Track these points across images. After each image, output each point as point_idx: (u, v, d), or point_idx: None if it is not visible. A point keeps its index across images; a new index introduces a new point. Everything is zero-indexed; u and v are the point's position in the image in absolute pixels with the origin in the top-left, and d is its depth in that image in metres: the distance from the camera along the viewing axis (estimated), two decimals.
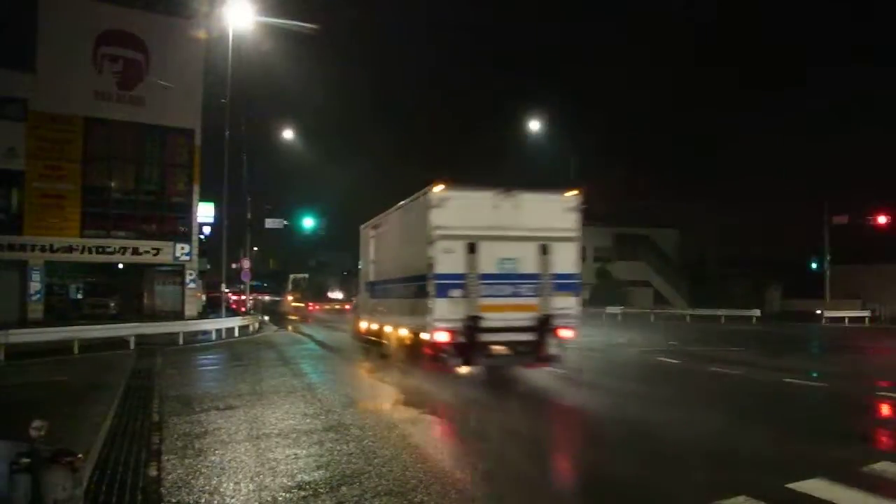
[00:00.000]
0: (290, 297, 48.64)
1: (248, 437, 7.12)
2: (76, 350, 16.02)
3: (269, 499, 5.07)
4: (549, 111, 42.15)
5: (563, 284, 10.59)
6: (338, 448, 6.56)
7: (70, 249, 25.26)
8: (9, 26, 24.13)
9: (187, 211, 27.92)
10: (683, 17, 57.09)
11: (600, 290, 44.73)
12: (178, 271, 28.18)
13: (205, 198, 29.46)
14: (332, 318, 32.62)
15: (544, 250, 10.48)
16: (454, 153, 75.91)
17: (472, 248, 10.18)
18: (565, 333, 10.63)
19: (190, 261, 27.57)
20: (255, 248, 47.57)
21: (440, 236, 10.15)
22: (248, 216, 32.53)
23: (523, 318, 10.32)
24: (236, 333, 22.65)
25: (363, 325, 16.06)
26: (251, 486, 5.35)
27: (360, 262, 17.39)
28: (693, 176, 48.42)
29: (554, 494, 5.39)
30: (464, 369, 10.50)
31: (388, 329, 13.55)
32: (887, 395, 10.11)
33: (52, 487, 3.27)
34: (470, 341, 10.08)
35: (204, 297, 36.71)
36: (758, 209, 40.01)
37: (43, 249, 24.78)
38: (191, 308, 27.56)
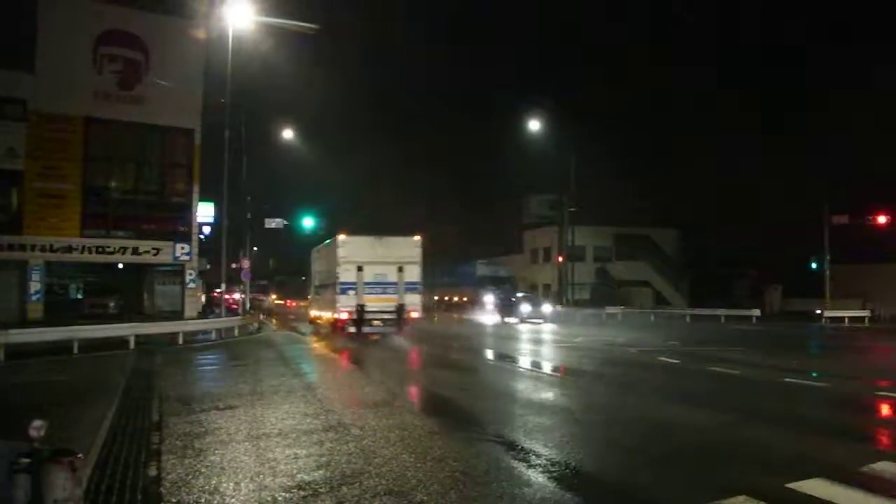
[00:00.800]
0: (273, 296, 54.89)
1: (248, 436, 7.13)
2: (76, 350, 16.02)
3: (269, 499, 5.07)
4: (550, 111, 42.09)
5: (411, 287, 19.24)
6: (338, 448, 6.56)
7: (70, 249, 25.25)
8: (9, 26, 24.10)
9: (187, 211, 27.92)
10: (682, 16, 57.06)
11: (600, 290, 44.78)
12: (177, 271, 28.18)
13: (205, 197, 29.47)
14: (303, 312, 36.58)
15: (400, 269, 19.04)
16: (454, 153, 76.01)
17: (359, 269, 18.89)
18: (414, 315, 19.44)
19: (190, 260, 27.56)
20: (255, 248, 47.64)
21: (343, 262, 18.93)
22: (248, 216, 32.58)
23: (389, 306, 18.97)
24: (236, 333, 22.67)
25: (312, 312, 25.82)
26: (251, 486, 5.36)
27: (312, 274, 25.59)
28: (693, 175, 48.41)
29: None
30: (356, 333, 19.15)
31: (321, 314, 22.89)
32: (887, 395, 10.11)
33: (52, 487, 3.27)
34: (359, 318, 18.90)
35: (204, 298, 36.75)
36: (758, 209, 40.02)
37: (43, 249, 24.78)
38: (191, 308, 27.55)
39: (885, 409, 9.28)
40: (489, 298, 36.70)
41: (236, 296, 35.35)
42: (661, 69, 56.43)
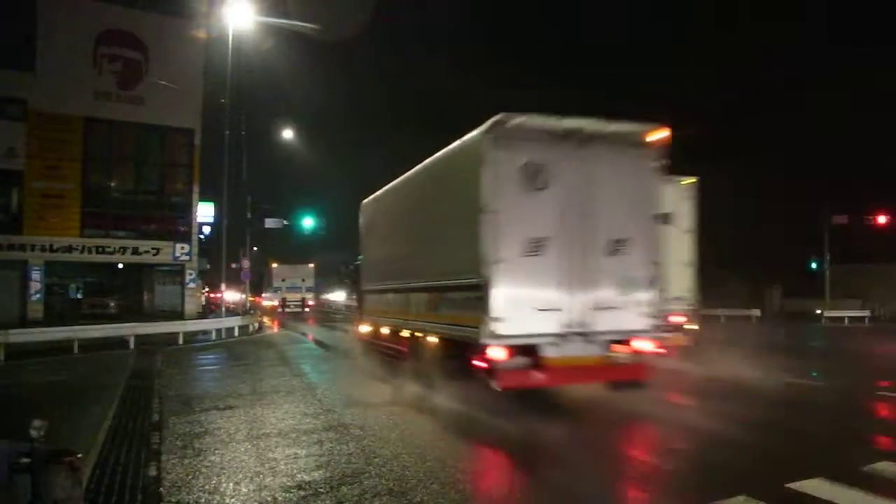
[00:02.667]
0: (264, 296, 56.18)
1: (248, 436, 7.13)
2: (76, 350, 16.02)
3: (269, 498, 5.07)
4: (551, 110, 42.11)
5: (308, 288, 44.98)
6: (338, 448, 6.56)
7: (70, 249, 25.25)
8: (9, 26, 24.10)
9: (187, 211, 27.93)
10: (683, 11, 57.06)
11: None
12: (177, 271, 28.19)
13: (204, 197, 29.48)
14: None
15: (303, 280, 44.23)
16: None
17: (283, 280, 44.10)
18: (310, 303, 44.81)
19: (190, 260, 27.57)
20: (255, 248, 47.69)
21: (276, 277, 44.89)
22: (248, 216, 32.56)
23: (298, 299, 44.03)
24: (236, 333, 22.66)
25: (264, 302, 46.41)
26: (251, 486, 5.36)
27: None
28: (693, 175, 48.38)
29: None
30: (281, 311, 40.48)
31: (270, 302, 45.87)
32: (887, 395, 10.11)
33: (51, 487, 3.26)
34: (283, 305, 43.25)
35: (204, 298, 36.80)
36: (758, 208, 39.99)
37: (43, 249, 24.78)
38: (191, 308, 27.56)
39: (884, 410, 9.28)
40: None
41: (227, 296, 35.40)
42: (660, 68, 56.49)
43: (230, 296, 36.15)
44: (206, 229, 33.90)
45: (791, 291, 38.30)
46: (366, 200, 13.64)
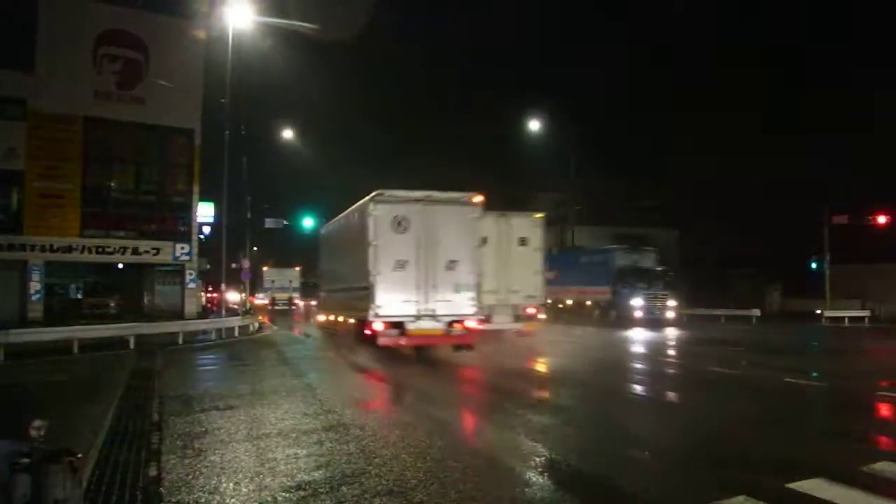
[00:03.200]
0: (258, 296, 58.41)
1: (248, 436, 7.13)
2: (76, 350, 16.01)
3: (269, 498, 5.07)
4: (550, 111, 42.21)
5: (294, 289, 48.01)
6: (338, 448, 6.56)
7: (70, 249, 25.25)
8: (9, 26, 24.10)
9: (187, 211, 27.93)
10: (684, 16, 57.06)
11: None
12: (177, 271, 28.20)
13: (204, 197, 29.48)
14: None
15: (290, 281, 47.91)
16: (454, 153, 75.93)
17: (272, 281, 47.85)
18: (297, 301, 47.06)
19: (190, 260, 27.57)
20: (255, 248, 47.76)
21: (266, 278, 48.40)
22: (248, 216, 32.59)
23: (286, 298, 47.17)
24: (236, 333, 22.66)
25: (256, 301, 42.70)
26: (251, 486, 5.35)
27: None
28: (693, 176, 48.38)
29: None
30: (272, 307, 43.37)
31: (261, 302, 45.23)
32: (887, 395, 10.11)
33: (52, 487, 3.26)
34: (272, 303, 45.78)
35: (204, 298, 36.86)
36: (758, 208, 39.98)
37: (43, 249, 24.78)
38: (191, 308, 27.56)
39: (884, 409, 9.27)
40: (637, 302, 27.29)
41: (228, 296, 35.43)
42: (660, 69, 56.49)
43: (231, 296, 36.22)
44: (206, 229, 33.92)
45: (791, 291, 38.24)
46: (320, 230, 21.36)
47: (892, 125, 35.34)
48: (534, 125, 38.88)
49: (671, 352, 17.92)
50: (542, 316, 18.34)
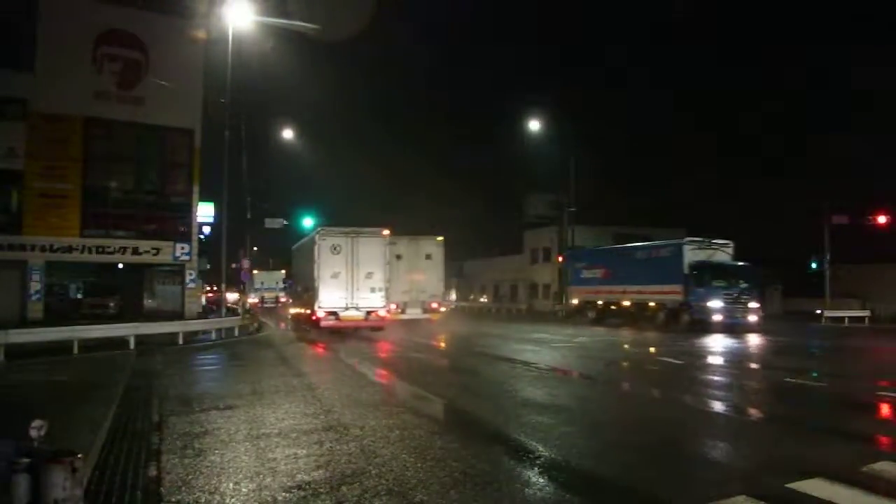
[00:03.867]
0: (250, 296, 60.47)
1: (248, 436, 7.13)
2: (76, 350, 16.02)
3: (269, 498, 5.07)
4: (550, 110, 42.26)
5: (280, 289, 52.83)
6: (338, 448, 6.57)
7: (70, 249, 25.24)
8: (9, 26, 24.08)
9: (187, 211, 27.89)
10: (686, 15, 57.05)
11: None
12: (177, 271, 28.17)
13: (204, 198, 29.46)
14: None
15: (277, 282, 53.86)
16: (454, 154, 75.96)
17: (262, 283, 53.11)
18: (282, 300, 49.37)
19: (190, 261, 27.55)
20: (256, 249, 47.86)
21: (256, 281, 50.60)
22: (248, 216, 32.59)
23: (273, 297, 52.46)
24: (236, 333, 22.67)
25: (248, 301, 39.73)
26: (251, 486, 5.36)
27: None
28: (694, 175, 48.36)
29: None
30: (260, 307, 43.10)
31: (251, 301, 41.42)
32: (887, 395, 10.11)
33: (52, 487, 3.27)
34: (262, 302, 48.55)
35: (204, 298, 36.86)
36: (758, 208, 39.98)
37: (43, 249, 24.76)
38: (191, 308, 27.55)
39: (885, 409, 9.27)
40: (716, 304, 23.84)
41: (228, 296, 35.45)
42: (660, 69, 56.46)
43: (230, 296, 36.27)
44: (206, 229, 33.88)
45: (792, 291, 38.24)
46: (293, 247, 29.15)
47: (893, 125, 35.34)
48: (533, 125, 38.89)
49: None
50: (443, 309, 26.83)
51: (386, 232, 21.61)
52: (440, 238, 25.52)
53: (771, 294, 38.79)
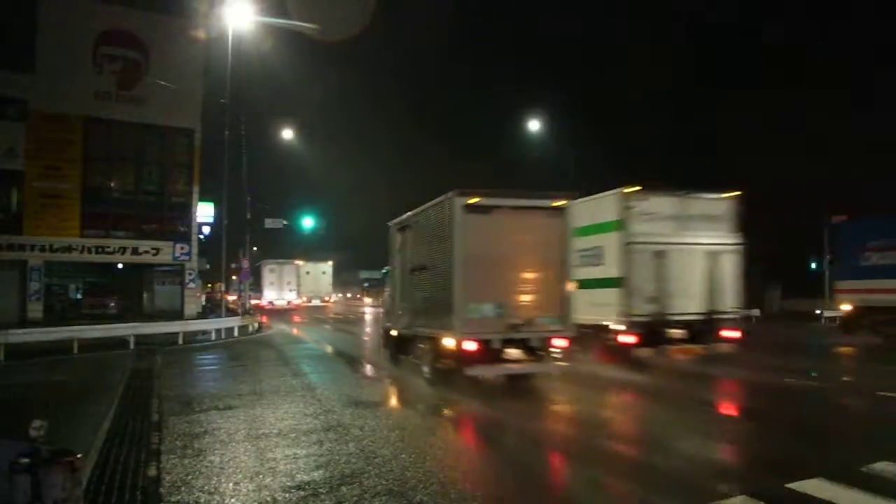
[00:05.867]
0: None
1: (248, 436, 7.13)
2: (76, 350, 16.01)
3: (268, 499, 5.07)
4: (551, 109, 42.27)
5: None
6: (337, 448, 6.57)
7: (69, 249, 25.23)
8: (9, 26, 24.07)
9: (187, 211, 27.90)
10: (687, 17, 57.02)
11: None
12: (177, 271, 28.16)
13: (204, 198, 29.44)
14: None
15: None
16: (453, 151, 76.01)
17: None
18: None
19: (189, 261, 27.55)
20: (255, 248, 47.78)
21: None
22: (248, 216, 32.55)
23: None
24: (236, 333, 22.66)
25: (252, 302, 42.10)
26: (251, 486, 5.36)
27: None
28: (691, 174, 48.33)
29: None
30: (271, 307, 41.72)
31: (259, 302, 42.30)
32: (886, 395, 10.10)
33: (51, 487, 3.27)
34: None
35: (204, 298, 36.83)
36: (757, 207, 39.94)
37: (42, 249, 24.76)
38: (190, 308, 27.54)
39: (884, 410, 9.27)
40: None
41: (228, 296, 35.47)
42: (660, 68, 56.40)
43: (231, 296, 36.27)
44: (206, 229, 33.87)
45: (791, 291, 38.28)
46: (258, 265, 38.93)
47: (893, 122, 35.34)
48: (533, 125, 38.85)
49: None
50: (329, 299, 44.12)
51: (300, 262, 42.49)
52: (330, 262, 38.42)
53: (770, 294, 38.86)
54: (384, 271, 15.19)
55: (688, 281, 12.21)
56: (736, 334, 12.64)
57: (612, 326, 12.02)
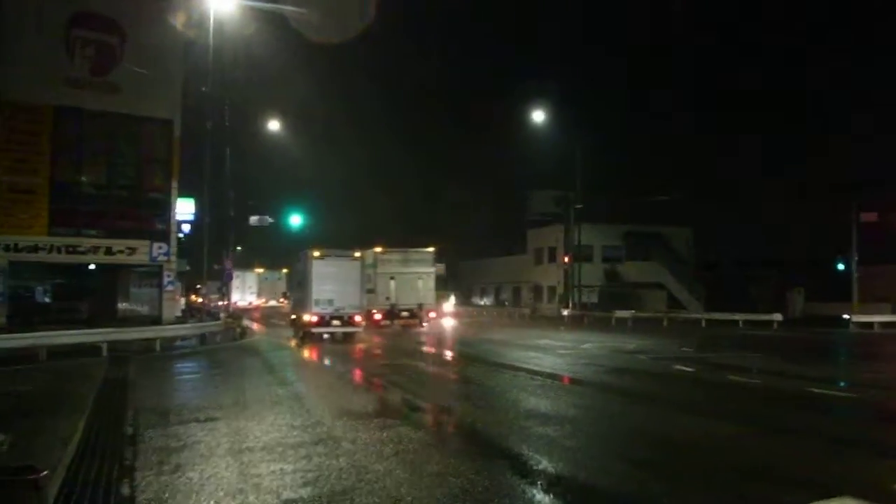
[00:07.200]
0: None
1: (230, 450, 7.10)
2: (43, 357, 15.96)
3: None
4: (556, 100, 42.33)
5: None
6: (327, 463, 6.53)
7: (36, 249, 25.10)
8: None
9: (165, 207, 27.78)
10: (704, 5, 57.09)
11: (609, 293, 44.78)
12: (154, 272, 28.07)
13: (184, 193, 29.37)
14: None
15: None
16: (452, 147, 76.00)
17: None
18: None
19: (168, 261, 27.44)
20: (239, 248, 47.79)
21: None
22: (231, 213, 32.49)
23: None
24: (218, 339, 22.63)
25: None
26: None
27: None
28: (711, 170, 48.39)
29: None
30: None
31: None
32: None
33: None
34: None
35: (183, 301, 36.79)
36: (780, 205, 40.01)
37: (7, 249, 24.62)
38: (169, 312, 27.47)
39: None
40: None
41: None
42: (681, 65, 56.49)
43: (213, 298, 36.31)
44: (186, 227, 33.80)
45: (815, 294, 38.21)
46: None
47: None
48: (537, 116, 38.85)
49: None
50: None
51: (259, 270, 58.99)
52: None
53: (793, 297, 38.87)
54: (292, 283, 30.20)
55: (407, 290, 28.90)
56: (433, 315, 30.31)
57: (374, 310, 28.07)
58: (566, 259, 44.09)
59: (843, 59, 49.07)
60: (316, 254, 22.23)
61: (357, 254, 23.53)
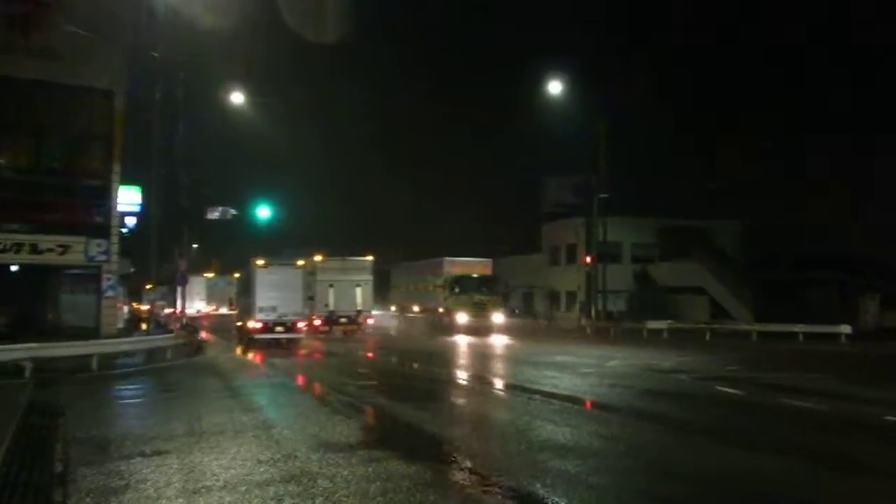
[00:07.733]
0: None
1: (183, 491, 7.09)
2: None
3: None
4: (575, 71, 42.20)
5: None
6: None
7: None
8: None
9: (105, 197, 27.66)
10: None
11: (640, 300, 44.76)
12: (92, 275, 28.01)
13: (129, 180, 29.33)
14: None
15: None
16: (454, 130, 76.10)
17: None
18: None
19: (108, 261, 27.36)
20: (196, 246, 47.73)
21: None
22: (185, 204, 32.46)
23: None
24: (168, 355, 22.65)
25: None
26: None
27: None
28: (766, 154, 48.29)
29: None
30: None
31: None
32: None
33: None
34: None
35: (126, 309, 36.74)
36: (849, 196, 40.00)
37: None
38: (109, 323, 27.42)
39: None
40: None
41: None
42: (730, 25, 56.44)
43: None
44: (131, 221, 33.78)
45: (893, 302, 38.12)
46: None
47: None
48: (554, 87, 38.58)
49: None
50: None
51: (209, 275, 64.29)
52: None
53: (864, 305, 38.81)
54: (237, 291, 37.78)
55: (345, 297, 35.01)
56: (371, 321, 36.45)
57: (314, 316, 33.76)
58: (588, 259, 44.02)
59: None
60: (260, 262, 27.54)
61: (300, 262, 29.89)
